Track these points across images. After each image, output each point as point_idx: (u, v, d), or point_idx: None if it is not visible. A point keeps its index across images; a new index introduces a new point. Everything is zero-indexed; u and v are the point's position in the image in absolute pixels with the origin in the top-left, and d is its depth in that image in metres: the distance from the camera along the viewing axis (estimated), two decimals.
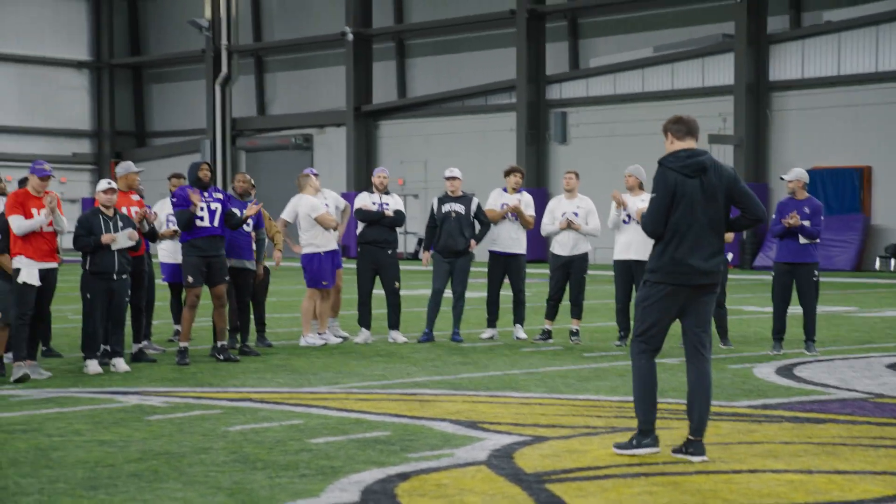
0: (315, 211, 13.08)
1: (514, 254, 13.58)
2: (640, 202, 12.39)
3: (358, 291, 13.49)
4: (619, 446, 6.89)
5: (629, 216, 12.49)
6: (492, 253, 13.72)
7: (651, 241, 7.05)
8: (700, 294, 6.85)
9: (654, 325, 6.90)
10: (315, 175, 13.50)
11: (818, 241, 12.20)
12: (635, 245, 12.39)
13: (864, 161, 32.56)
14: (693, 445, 6.68)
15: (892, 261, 31.48)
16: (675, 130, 6.92)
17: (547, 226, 13.37)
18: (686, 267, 6.77)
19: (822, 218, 12.22)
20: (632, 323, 8.91)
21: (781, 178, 12.29)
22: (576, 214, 13.24)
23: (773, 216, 12.41)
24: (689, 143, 6.90)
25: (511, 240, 13.57)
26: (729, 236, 12.58)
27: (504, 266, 13.62)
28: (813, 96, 33.56)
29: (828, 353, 12.26)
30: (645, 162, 13.75)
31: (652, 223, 6.85)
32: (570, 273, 13.29)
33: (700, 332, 6.87)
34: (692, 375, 6.85)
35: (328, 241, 13.13)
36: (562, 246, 13.32)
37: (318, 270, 13.09)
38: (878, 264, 31.83)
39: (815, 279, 12.21)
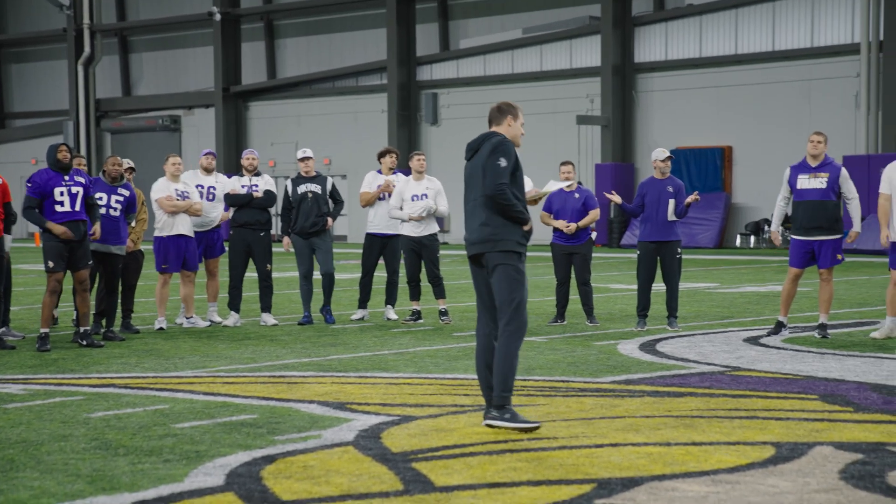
0: (157, 193, 12.87)
1: (391, 235, 13.59)
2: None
3: (230, 274, 13.35)
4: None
5: None
6: (368, 234, 13.72)
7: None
8: (488, 265, 7.05)
9: (477, 299, 7.20)
10: (210, 156, 13.53)
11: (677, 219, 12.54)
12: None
13: (725, 141, 33.49)
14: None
15: (752, 238, 32.48)
16: (488, 121, 7.32)
17: (395, 210, 13.37)
18: (466, 241, 7.21)
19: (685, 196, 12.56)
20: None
21: (670, 156, 12.55)
22: (425, 196, 13.28)
23: (636, 196, 12.70)
24: (492, 129, 7.21)
25: (387, 221, 13.56)
26: (594, 215, 13.00)
27: (380, 247, 13.64)
28: (676, 78, 34.36)
29: (689, 328, 12.60)
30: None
31: None
32: (423, 254, 13.35)
33: (497, 304, 7.02)
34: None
35: (171, 226, 12.84)
36: (411, 227, 13.35)
37: (158, 254, 12.90)
38: (738, 241, 32.81)
39: (678, 257, 12.53)
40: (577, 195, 13.11)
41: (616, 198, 12.59)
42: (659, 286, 12.97)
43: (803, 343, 11.18)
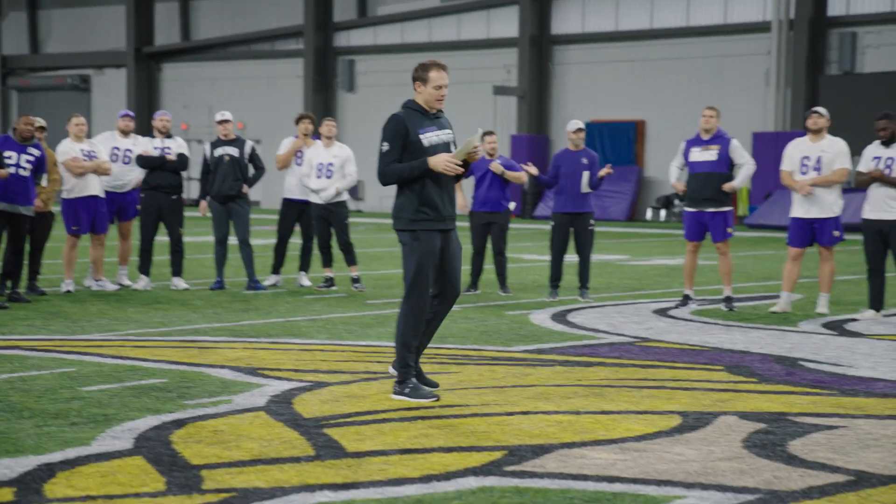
0: (63, 156, 12.62)
1: (307, 201, 13.49)
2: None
3: (140, 237, 13.17)
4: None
5: None
6: (285, 200, 13.62)
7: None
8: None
9: None
10: (128, 117, 13.43)
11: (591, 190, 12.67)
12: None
13: (638, 115, 33.86)
14: None
15: (663, 211, 32.94)
16: None
17: (304, 177, 13.28)
18: None
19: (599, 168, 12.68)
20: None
21: (581, 128, 12.64)
22: (331, 165, 13.19)
23: (551, 168, 12.79)
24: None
25: (303, 187, 13.46)
26: (522, 175, 13.04)
27: (297, 213, 13.54)
28: (592, 51, 34.58)
29: (600, 299, 12.76)
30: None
31: None
32: (331, 221, 13.28)
33: None
34: None
35: (78, 187, 12.59)
36: (319, 195, 13.26)
37: (67, 216, 12.66)
38: (649, 214, 33.26)
39: (590, 228, 12.66)
40: (498, 161, 13.14)
41: (532, 169, 12.66)
42: (571, 257, 13.10)
43: (710, 315, 11.39)
